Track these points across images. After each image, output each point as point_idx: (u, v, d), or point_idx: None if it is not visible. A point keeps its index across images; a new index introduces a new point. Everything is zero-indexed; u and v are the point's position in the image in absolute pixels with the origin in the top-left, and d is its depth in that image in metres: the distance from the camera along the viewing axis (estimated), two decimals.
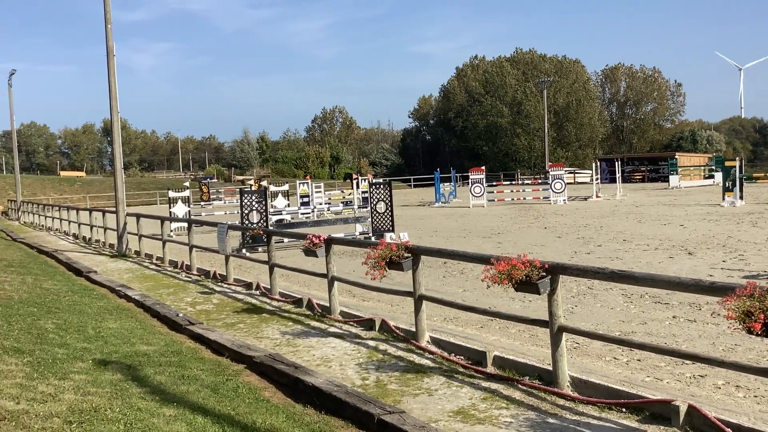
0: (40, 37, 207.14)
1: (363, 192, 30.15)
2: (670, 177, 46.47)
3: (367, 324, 9.13)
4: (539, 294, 6.28)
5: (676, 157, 54.94)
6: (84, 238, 25.83)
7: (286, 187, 32.59)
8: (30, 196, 55.79)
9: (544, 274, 6.24)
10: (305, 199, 33.30)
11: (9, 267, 15.73)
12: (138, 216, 20.53)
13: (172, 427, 5.26)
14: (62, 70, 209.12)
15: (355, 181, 33.71)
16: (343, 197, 37.62)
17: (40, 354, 7.22)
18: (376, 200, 20.34)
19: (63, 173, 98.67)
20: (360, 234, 20.87)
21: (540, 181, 46.49)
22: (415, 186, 73.56)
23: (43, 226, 35.01)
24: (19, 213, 44.53)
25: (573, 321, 8.46)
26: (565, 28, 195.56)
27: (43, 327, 8.83)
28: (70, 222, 29.78)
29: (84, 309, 10.87)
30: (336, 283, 10.02)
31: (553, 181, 35.89)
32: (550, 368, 6.36)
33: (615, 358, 7.39)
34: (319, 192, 38.49)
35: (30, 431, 4.87)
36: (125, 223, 20.66)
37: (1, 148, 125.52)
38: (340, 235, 18.36)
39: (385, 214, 20.33)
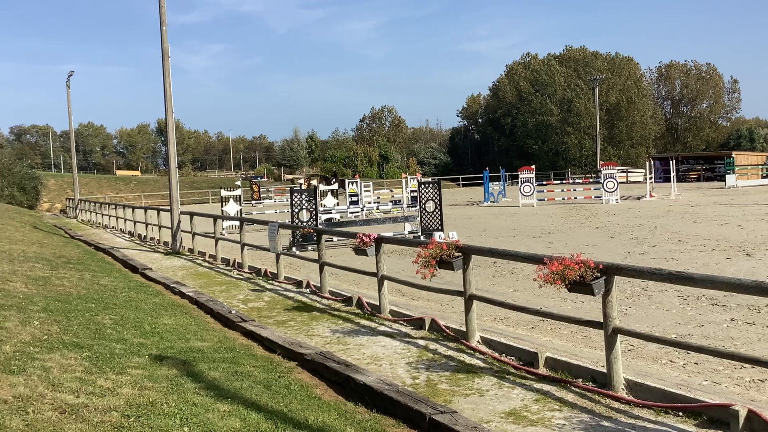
0: (97, 40, 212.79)
1: (412, 191, 30.15)
2: (727, 176, 45.28)
3: (417, 323, 9.13)
4: (593, 295, 6.19)
5: (733, 155, 53.51)
6: (139, 235, 26.43)
7: (335, 186, 32.78)
8: (87, 195, 57.29)
9: (599, 274, 6.14)
10: (354, 198, 33.47)
11: (68, 264, 16.18)
12: (191, 214, 20.92)
13: (226, 423, 5.34)
14: (118, 72, 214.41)
15: (342, 181, 33.78)
16: (392, 196, 37.68)
17: (98, 349, 7.40)
18: (425, 199, 20.32)
19: (119, 172, 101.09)
20: (409, 233, 20.87)
21: (591, 180, 45.80)
22: (463, 185, 73.24)
23: (99, 223, 35.92)
24: (77, 211, 45.75)
25: (627, 323, 8.31)
26: (617, 24, 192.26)
27: (101, 322, 9.06)
28: (125, 220, 30.51)
29: (140, 305, 11.12)
30: (386, 282, 10.04)
31: (605, 180, 35.29)
32: (604, 370, 6.26)
33: (671, 361, 7.23)
34: (368, 191, 38.62)
35: (89, 424, 5.00)
36: (179, 221, 21.06)
37: (60, 147, 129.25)
38: (389, 234, 18.39)
39: (434, 213, 20.29)
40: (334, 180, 37.21)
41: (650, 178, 40.71)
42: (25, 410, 5.07)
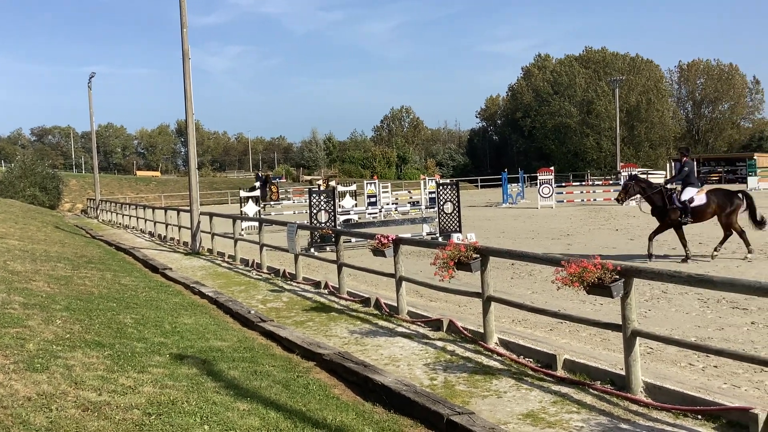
0: (119, 42, 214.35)
1: (430, 192, 30.14)
2: (749, 178, 44.80)
3: (435, 324, 9.14)
4: (612, 297, 6.19)
5: (755, 157, 52.92)
6: (159, 236, 26.64)
7: (353, 187, 32.84)
8: (108, 195, 57.80)
9: (617, 277, 6.13)
10: (372, 200, 33.50)
11: (89, 263, 16.36)
12: (211, 215, 21.07)
13: (246, 422, 5.39)
14: (139, 73, 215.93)
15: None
16: (410, 197, 37.68)
17: (119, 347, 7.50)
18: (443, 201, 20.32)
19: (139, 173, 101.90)
20: (427, 234, 20.88)
21: (611, 182, 45.47)
22: (482, 186, 73.05)
23: (120, 224, 36.24)
24: (98, 211, 46.17)
25: (646, 325, 8.26)
26: (637, 25, 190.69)
27: (122, 321, 9.16)
28: (146, 220, 30.77)
29: (160, 305, 11.23)
30: (404, 283, 10.07)
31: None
32: (623, 373, 6.24)
33: (690, 364, 7.20)
34: (386, 192, 38.64)
35: (111, 422, 5.08)
36: (198, 222, 21.22)
37: (81, 148, 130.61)
38: (408, 235, 18.41)
39: (453, 214, 20.29)
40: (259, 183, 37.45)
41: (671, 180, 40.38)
42: (48, 407, 5.15)
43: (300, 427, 5.45)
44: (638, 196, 15.71)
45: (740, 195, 14.90)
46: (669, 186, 15.45)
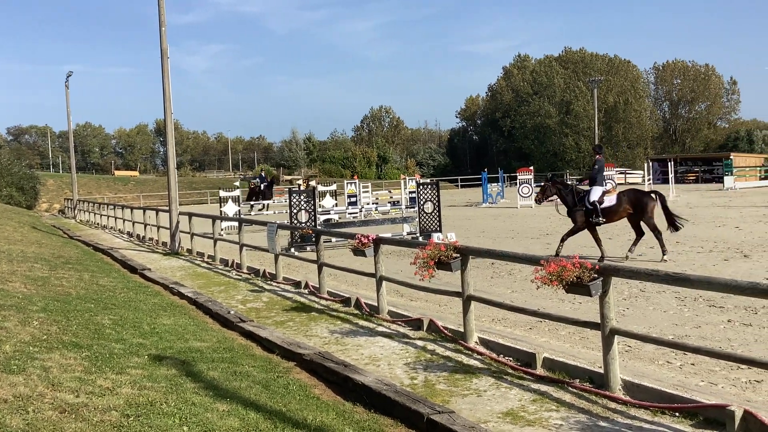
0: (97, 40, 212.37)
1: (410, 192, 30.17)
2: (725, 178, 45.34)
3: (415, 324, 9.16)
4: (591, 296, 6.23)
5: (731, 157, 53.56)
6: (138, 236, 26.43)
7: (333, 187, 32.80)
8: (86, 195, 57.25)
9: (596, 275, 6.18)
10: (353, 199, 33.47)
11: (66, 264, 16.20)
12: (190, 215, 20.94)
13: (225, 422, 5.36)
14: (117, 72, 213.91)
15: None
16: (391, 197, 37.69)
17: (97, 349, 7.43)
18: (423, 200, 20.35)
19: (117, 173, 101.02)
20: (407, 234, 20.90)
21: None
22: (462, 186, 73.26)
23: (98, 224, 35.91)
24: (75, 211, 45.72)
25: (625, 324, 8.34)
26: (615, 25, 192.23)
27: (100, 322, 9.08)
28: (124, 220, 30.51)
29: (139, 305, 11.14)
30: (384, 283, 10.07)
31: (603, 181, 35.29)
32: (601, 371, 6.29)
33: (668, 362, 7.27)
34: (367, 192, 38.64)
35: (89, 424, 5.03)
36: (178, 222, 21.08)
37: (58, 148, 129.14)
38: (388, 235, 18.43)
39: (433, 214, 20.32)
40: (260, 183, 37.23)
41: (648, 180, 40.78)
42: (25, 409, 5.09)
43: (280, 427, 5.43)
44: (555, 196, 15.78)
45: (653, 195, 14.96)
46: (583, 187, 15.52)
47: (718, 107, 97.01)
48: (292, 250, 18.46)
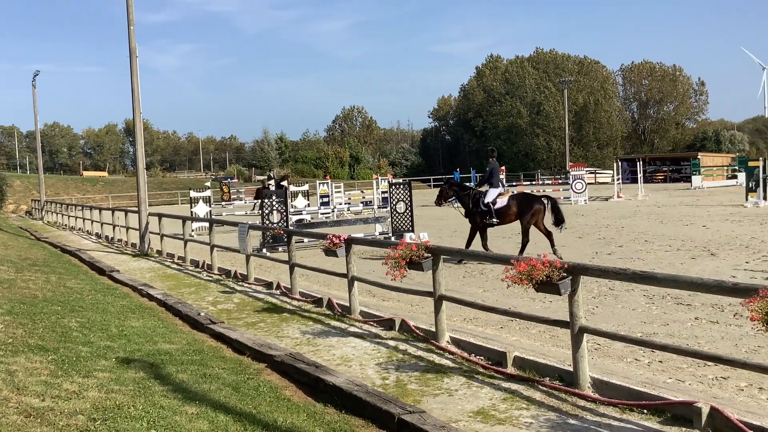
0: (65, 39, 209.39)
1: (383, 192, 30.18)
2: (693, 177, 46.00)
3: (387, 324, 9.15)
4: (560, 295, 6.27)
5: (699, 157, 54.34)
6: (107, 237, 26.10)
7: (306, 187, 32.71)
8: (53, 196, 56.44)
9: (565, 274, 6.22)
10: (325, 199, 33.40)
11: (33, 266, 15.93)
12: (160, 216, 20.72)
13: (194, 425, 5.31)
14: (86, 71, 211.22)
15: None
16: (363, 197, 37.70)
17: (64, 352, 7.32)
18: (396, 200, 20.36)
19: (86, 173, 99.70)
20: (380, 234, 20.90)
21: (560, 181, 46.26)
22: (434, 186, 73.31)
23: (66, 225, 35.41)
24: (43, 212, 45.07)
25: (594, 322, 8.42)
26: (585, 26, 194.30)
27: (67, 325, 8.94)
28: (92, 221, 30.10)
29: (107, 308, 11.00)
30: (356, 283, 10.05)
31: (573, 181, 35.63)
32: (571, 369, 6.34)
33: (636, 359, 7.34)
34: (339, 192, 38.59)
35: (55, 428, 4.94)
36: (147, 223, 20.85)
37: (26, 148, 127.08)
38: (360, 235, 18.41)
39: (405, 214, 20.34)
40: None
41: (618, 179, 41.24)
42: None
43: (249, 429, 5.39)
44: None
45: (544, 199, 15.53)
46: (481, 189, 15.98)
47: (686, 108, 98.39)
48: (264, 250, 18.36)
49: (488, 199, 15.36)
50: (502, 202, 15.32)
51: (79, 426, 5.03)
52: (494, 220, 15.25)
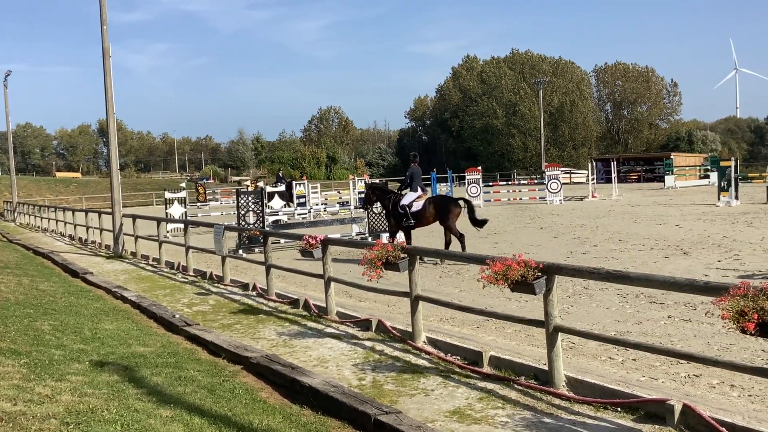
0: (36, 39, 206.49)
1: (359, 192, 30.15)
2: (666, 177, 46.50)
3: (364, 324, 9.15)
4: (535, 294, 6.31)
5: (672, 157, 54.99)
6: (80, 239, 25.80)
7: (282, 188, 32.57)
8: (26, 198, 55.66)
9: (540, 274, 6.26)
10: (302, 200, 33.29)
11: (5, 268, 15.71)
12: (134, 217, 20.53)
13: (169, 428, 5.26)
14: (59, 71, 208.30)
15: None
16: (340, 198, 37.62)
17: (36, 355, 7.22)
18: None
19: (59, 174, 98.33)
20: (357, 234, 20.89)
21: (536, 181, 46.56)
22: None
23: (38, 227, 34.96)
24: (15, 214, 44.46)
25: (569, 321, 8.49)
26: (560, 27, 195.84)
27: (39, 328, 8.83)
28: (66, 223, 29.72)
29: (80, 310, 10.87)
30: (332, 284, 10.04)
31: (549, 181, 35.88)
32: (546, 368, 6.38)
33: (610, 357, 7.41)
34: (316, 192, 38.51)
35: None
36: (121, 224, 20.65)
37: None
38: (337, 235, 18.38)
39: (382, 214, 20.32)
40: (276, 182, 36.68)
41: (592, 179, 41.59)
42: None
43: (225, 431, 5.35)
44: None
45: (460, 202, 16.02)
46: (402, 193, 16.39)
47: (659, 108, 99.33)
48: (240, 251, 18.26)
49: (404, 201, 15.78)
50: (418, 205, 15.70)
51: (52, 430, 4.96)
52: (411, 222, 15.66)
